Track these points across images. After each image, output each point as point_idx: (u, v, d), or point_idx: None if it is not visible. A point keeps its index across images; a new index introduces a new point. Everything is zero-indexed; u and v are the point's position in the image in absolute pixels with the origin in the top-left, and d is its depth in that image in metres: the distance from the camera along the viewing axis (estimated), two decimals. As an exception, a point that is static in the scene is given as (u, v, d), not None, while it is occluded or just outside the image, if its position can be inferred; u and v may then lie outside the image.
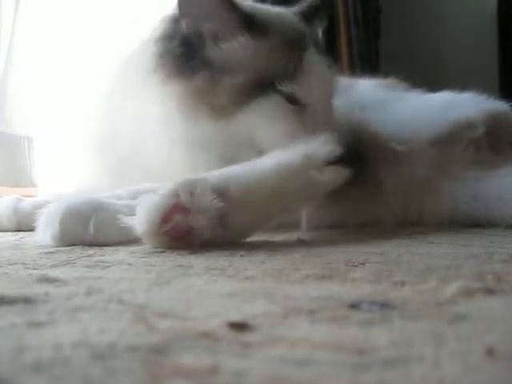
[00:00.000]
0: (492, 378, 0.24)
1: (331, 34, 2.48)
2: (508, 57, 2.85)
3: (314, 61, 0.87)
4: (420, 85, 1.10)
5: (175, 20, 0.85)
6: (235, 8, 0.84)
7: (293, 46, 0.86)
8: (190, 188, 0.64)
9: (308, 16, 0.95)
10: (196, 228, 0.64)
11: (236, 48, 0.84)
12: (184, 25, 0.84)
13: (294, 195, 0.73)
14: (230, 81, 0.83)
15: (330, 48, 2.34)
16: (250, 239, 0.71)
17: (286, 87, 0.83)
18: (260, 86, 0.83)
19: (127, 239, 0.73)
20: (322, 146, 0.77)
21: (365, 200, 0.87)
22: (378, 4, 2.95)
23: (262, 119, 0.83)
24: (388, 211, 0.90)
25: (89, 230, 0.69)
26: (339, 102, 0.94)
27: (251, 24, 0.84)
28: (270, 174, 0.71)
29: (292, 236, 0.76)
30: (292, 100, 0.84)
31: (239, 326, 0.32)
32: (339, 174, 0.76)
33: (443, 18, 2.98)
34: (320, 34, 1.02)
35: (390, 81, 1.15)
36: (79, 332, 0.31)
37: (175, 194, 0.64)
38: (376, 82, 1.12)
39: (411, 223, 0.92)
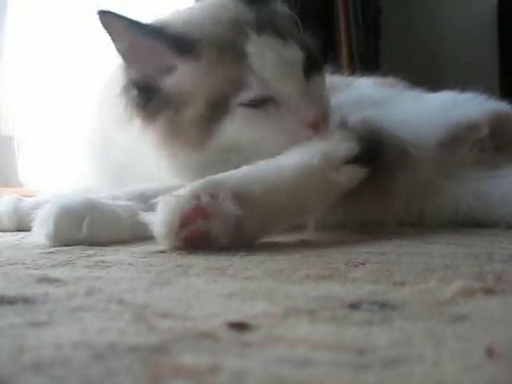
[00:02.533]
0: (492, 378, 0.24)
1: (331, 34, 2.48)
2: (508, 57, 2.84)
3: (260, 49, 0.78)
4: (420, 84, 1.10)
5: (126, 69, 0.81)
6: (160, 35, 0.78)
7: (230, 48, 0.79)
8: (212, 191, 0.63)
9: None
10: (214, 233, 0.63)
11: (181, 77, 0.80)
12: (133, 72, 0.80)
13: (312, 196, 0.72)
14: (190, 112, 0.79)
15: (330, 48, 2.34)
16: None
17: (243, 97, 0.78)
18: (218, 108, 0.78)
19: (121, 239, 0.73)
20: (340, 143, 0.75)
21: (371, 200, 0.86)
22: (378, 4, 2.95)
23: (237, 136, 0.79)
24: (392, 212, 0.90)
25: (82, 229, 0.69)
26: (338, 100, 0.93)
27: (180, 47, 0.79)
28: (290, 177, 0.69)
29: (293, 236, 0.76)
30: (260, 101, 0.78)
31: (239, 326, 0.32)
32: (357, 174, 0.75)
33: (443, 18, 2.98)
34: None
35: (389, 79, 1.14)
36: (79, 332, 0.31)
37: (196, 196, 0.62)
38: (376, 81, 1.12)
39: (412, 223, 0.91)
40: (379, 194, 0.85)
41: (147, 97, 0.81)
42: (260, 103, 0.79)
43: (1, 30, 1.44)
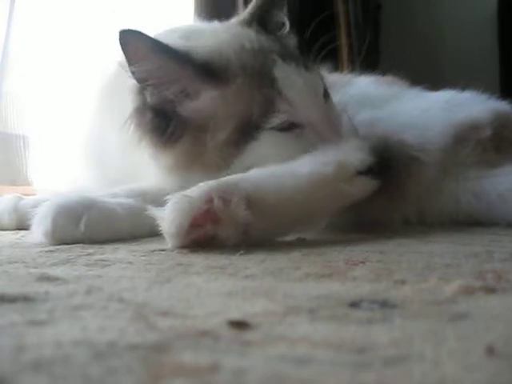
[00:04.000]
0: (492, 377, 0.24)
1: (331, 33, 2.48)
2: (508, 57, 2.84)
3: (288, 75, 0.80)
4: (419, 83, 1.10)
5: (140, 91, 0.79)
6: (187, 61, 0.77)
7: (259, 74, 0.79)
8: (226, 195, 0.62)
9: (264, 15, 0.88)
10: (222, 237, 0.62)
11: (206, 103, 0.78)
12: (149, 95, 0.78)
13: (323, 206, 0.72)
14: (214, 138, 0.78)
15: (330, 46, 2.34)
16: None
17: (273, 121, 0.78)
18: (246, 132, 0.78)
19: (120, 237, 0.73)
20: (353, 153, 0.75)
21: (378, 204, 0.85)
22: (378, 2, 2.95)
23: (260, 159, 0.77)
24: (399, 214, 0.90)
25: (80, 227, 0.70)
26: (337, 98, 0.92)
27: (209, 73, 0.78)
28: (303, 187, 0.69)
29: (293, 235, 0.76)
30: (286, 126, 0.79)
31: (239, 325, 0.32)
32: (368, 186, 0.75)
33: (443, 17, 2.98)
34: (286, 20, 0.90)
35: (388, 78, 1.14)
36: (79, 330, 0.31)
37: (209, 199, 0.62)
38: (375, 79, 1.11)
39: (412, 222, 0.91)
40: (386, 199, 0.84)
41: (164, 122, 0.79)
42: (286, 128, 0.79)
43: (8, 30, 1.44)
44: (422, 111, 0.96)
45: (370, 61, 2.62)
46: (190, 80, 0.78)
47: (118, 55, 0.78)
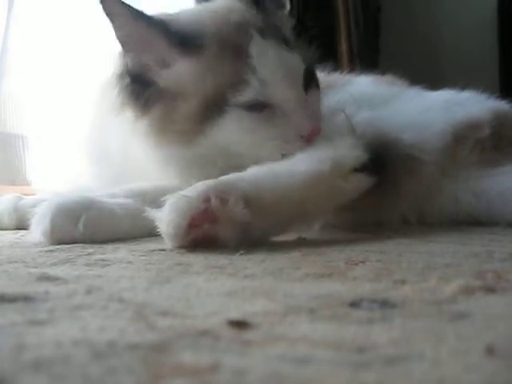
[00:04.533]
0: (492, 377, 0.24)
1: (331, 33, 2.48)
2: (508, 57, 2.84)
3: (264, 52, 0.78)
4: (419, 83, 1.10)
5: (123, 56, 0.81)
6: (163, 29, 0.78)
7: (234, 47, 0.79)
8: (223, 195, 0.62)
9: None
10: (221, 236, 0.63)
11: (179, 72, 0.79)
12: (129, 60, 0.80)
13: (320, 203, 0.72)
14: (184, 107, 0.79)
15: (330, 47, 2.34)
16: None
17: (241, 97, 0.77)
18: (215, 105, 0.78)
19: (118, 237, 0.73)
20: (349, 150, 0.75)
21: (376, 203, 0.85)
22: (377, 3, 2.95)
23: (229, 137, 0.78)
24: (397, 213, 0.90)
25: (79, 227, 0.70)
26: (336, 98, 0.92)
27: (183, 42, 0.79)
28: (300, 184, 0.69)
29: (293, 235, 0.76)
30: (257, 106, 0.77)
31: (239, 325, 0.32)
32: (364, 183, 0.75)
33: (443, 17, 2.98)
34: (286, 2, 0.92)
35: (388, 78, 1.14)
36: (79, 330, 0.31)
37: (206, 198, 0.62)
38: (374, 79, 1.11)
39: (412, 222, 0.91)
40: (384, 197, 0.84)
41: (140, 87, 0.80)
42: (256, 107, 0.78)
43: (8, 29, 1.44)
44: (422, 111, 0.96)
45: (369, 61, 2.63)
46: (165, 48, 0.79)
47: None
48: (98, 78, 0.99)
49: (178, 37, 0.79)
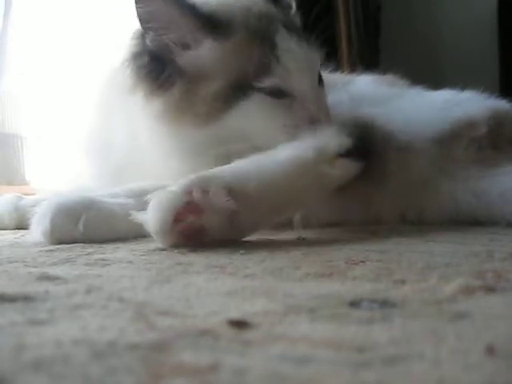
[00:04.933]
0: (492, 377, 0.24)
1: (331, 32, 2.48)
2: (508, 57, 2.84)
3: (289, 44, 0.82)
4: (419, 82, 1.10)
5: (141, 35, 0.82)
6: (193, 11, 0.80)
7: (261, 36, 0.82)
8: (204, 186, 0.63)
9: None
10: (207, 228, 0.63)
11: (204, 54, 0.81)
12: (149, 39, 0.81)
13: (306, 190, 0.73)
14: (206, 88, 0.80)
15: (330, 46, 2.34)
16: (250, 237, 0.71)
17: (265, 82, 0.80)
18: (238, 88, 0.80)
19: (118, 237, 0.73)
20: (332, 138, 0.76)
21: (365, 196, 0.86)
22: (378, 2, 2.95)
23: (247, 120, 0.81)
24: (390, 209, 0.90)
25: (79, 227, 0.70)
26: (337, 97, 0.93)
27: (212, 25, 0.81)
28: (283, 171, 0.70)
29: (293, 234, 0.76)
30: (277, 93, 0.81)
31: (239, 324, 0.32)
32: (350, 168, 0.76)
33: (443, 17, 2.98)
34: (293, 6, 0.94)
35: (388, 77, 1.14)
36: (79, 330, 0.31)
37: (188, 191, 0.62)
38: (375, 79, 1.12)
39: (412, 222, 0.91)
40: (373, 190, 0.85)
41: (159, 67, 0.81)
42: (276, 94, 0.81)
43: (6, 29, 1.44)
44: (420, 109, 0.97)
45: (369, 61, 2.63)
46: (192, 29, 0.81)
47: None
48: (100, 70, 1.00)
49: (208, 19, 0.81)
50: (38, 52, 1.52)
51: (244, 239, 0.70)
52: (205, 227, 0.63)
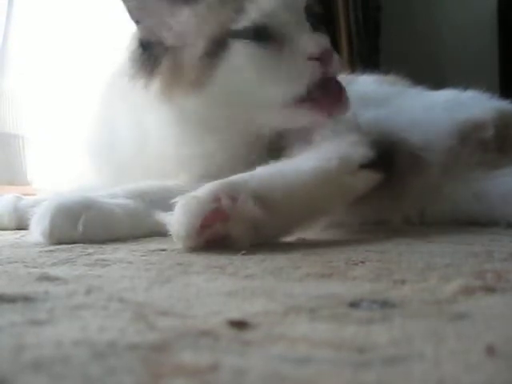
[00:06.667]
0: (492, 377, 0.24)
1: (331, 33, 2.48)
2: (508, 57, 2.84)
3: None
4: (420, 83, 1.10)
5: (135, 36, 0.86)
6: None
7: None
8: (233, 193, 0.62)
9: None
10: (233, 235, 0.62)
11: (182, 24, 0.82)
12: (140, 31, 0.84)
13: (329, 200, 0.73)
14: (190, 54, 0.81)
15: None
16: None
17: (240, 23, 0.79)
18: (219, 43, 0.80)
19: (118, 238, 0.73)
20: (355, 147, 0.76)
21: (382, 202, 0.85)
22: (378, 2, 2.95)
23: (237, 75, 0.80)
24: (401, 213, 0.90)
25: (78, 227, 0.70)
26: None
27: None
28: (308, 181, 0.69)
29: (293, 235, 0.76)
30: (260, 36, 0.79)
31: (239, 324, 0.32)
32: (371, 179, 0.76)
33: (443, 17, 2.98)
34: None
35: (390, 77, 1.14)
36: (79, 330, 0.31)
37: (217, 198, 0.61)
38: (376, 79, 1.11)
39: (412, 222, 0.91)
40: (390, 197, 0.84)
41: (150, 52, 0.84)
42: (259, 37, 0.79)
43: (7, 28, 1.44)
44: (425, 110, 0.96)
45: (370, 61, 2.63)
46: (168, 7, 0.83)
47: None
48: (105, 68, 1.00)
49: None
50: (39, 52, 1.52)
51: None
52: (230, 235, 0.62)
